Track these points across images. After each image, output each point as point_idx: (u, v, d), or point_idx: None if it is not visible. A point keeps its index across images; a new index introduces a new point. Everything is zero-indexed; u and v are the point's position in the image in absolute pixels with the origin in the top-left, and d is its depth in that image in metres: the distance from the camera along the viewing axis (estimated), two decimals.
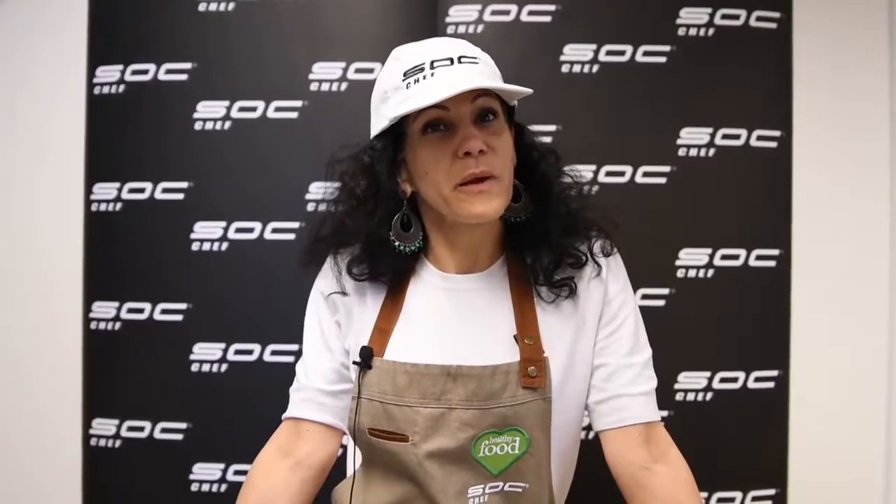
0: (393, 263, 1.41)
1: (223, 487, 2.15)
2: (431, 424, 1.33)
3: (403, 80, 1.31)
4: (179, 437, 2.17)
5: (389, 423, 1.34)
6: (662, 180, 2.18)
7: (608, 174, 2.17)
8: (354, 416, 1.36)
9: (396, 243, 1.40)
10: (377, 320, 1.41)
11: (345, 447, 1.64)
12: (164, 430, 2.18)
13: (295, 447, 1.45)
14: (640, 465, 1.39)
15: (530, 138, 1.45)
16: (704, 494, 2.15)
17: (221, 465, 2.15)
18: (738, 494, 2.15)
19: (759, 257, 2.19)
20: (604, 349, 1.42)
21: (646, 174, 2.18)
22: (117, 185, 2.21)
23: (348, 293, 1.44)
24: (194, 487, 2.17)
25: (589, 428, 1.48)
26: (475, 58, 1.34)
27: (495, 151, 1.32)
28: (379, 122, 1.36)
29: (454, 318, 1.40)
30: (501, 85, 1.31)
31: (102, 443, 2.21)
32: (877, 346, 2.26)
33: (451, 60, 1.31)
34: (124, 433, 2.19)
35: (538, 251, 1.42)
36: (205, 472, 2.17)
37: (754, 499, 2.16)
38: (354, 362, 1.38)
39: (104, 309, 2.21)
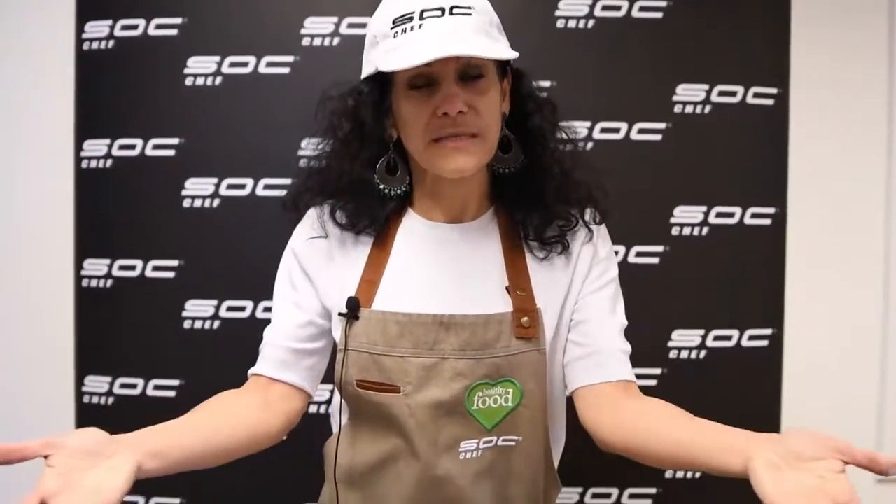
0: (378, 208, 1.40)
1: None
2: (424, 375, 1.32)
3: (392, 29, 1.28)
4: (172, 394, 2.17)
5: (380, 374, 1.33)
6: (658, 137, 2.17)
7: (603, 131, 2.16)
8: (341, 369, 1.35)
9: (381, 186, 1.38)
10: (364, 272, 1.39)
11: (328, 404, 1.64)
12: (156, 388, 2.17)
13: (262, 395, 1.40)
14: (617, 409, 1.35)
15: (528, 87, 1.42)
16: None
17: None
18: None
19: (754, 215, 2.18)
20: (586, 305, 1.41)
21: (641, 131, 2.16)
22: (107, 141, 2.18)
23: (330, 238, 1.42)
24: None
25: None
26: (468, 7, 1.28)
27: (477, 111, 1.29)
28: (367, 66, 1.34)
29: (444, 267, 1.39)
30: (481, 53, 1.24)
31: (95, 400, 2.20)
32: (871, 306, 2.26)
33: (442, 11, 1.26)
34: (117, 390, 2.18)
35: (529, 210, 1.40)
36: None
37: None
38: (340, 314, 1.36)
39: (96, 266, 2.19)
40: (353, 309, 1.35)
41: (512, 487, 1.39)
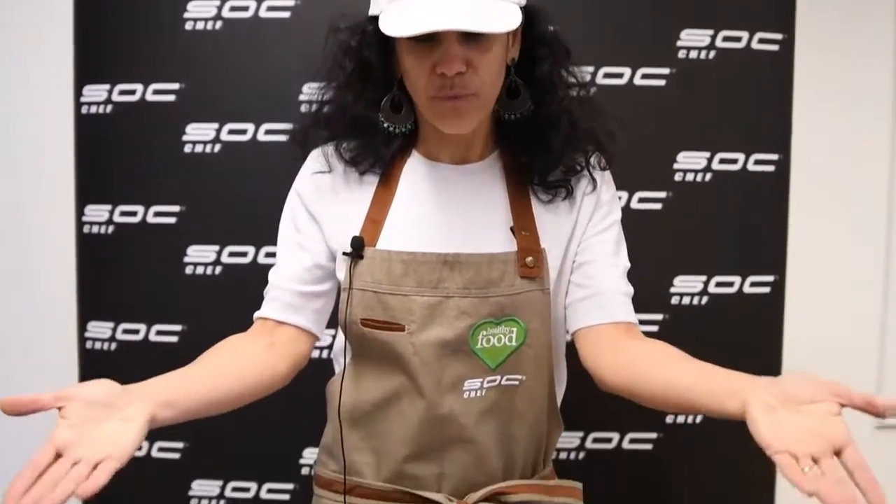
0: (382, 147, 1.39)
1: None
2: (428, 313, 1.32)
3: None
4: (174, 339, 2.17)
5: (385, 312, 1.33)
6: (661, 83, 2.15)
7: (606, 76, 2.14)
8: (346, 308, 1.35)
9: (386, 124, 1.38)
10: (368, 212, 1.39)
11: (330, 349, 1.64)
12: (159, 333, 2.18)
13: (268, 337, 1.41)
14: (619, 350, 1.35)
15: (541, 29, 1.39)
16: None
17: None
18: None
19: (757, 162, 2.17)
20: (589, 247, 1.41)
21: (644, 76, 2.15)
22: (107, 87, 2.17)
23: (335, 175, 1.42)
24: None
25: None
26: None
27: (477, 70, 1.27)
28: (374, 6, 1.33)
29: (449, 207, 1.38)
30: (480, 27, 1.20)
31: (98, 346, 2.20)
32: (874, 254, 2.26)
33: None
34: (119, 336, 2.19)
35: (534, 154, 1.40)
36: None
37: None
38: (345, 253, 1.36)
39: (97, 213, 2.18)
40: (358, 248, 1.35)
41: (515, 427, 1.39)
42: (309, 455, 2.17)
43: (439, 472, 1.38)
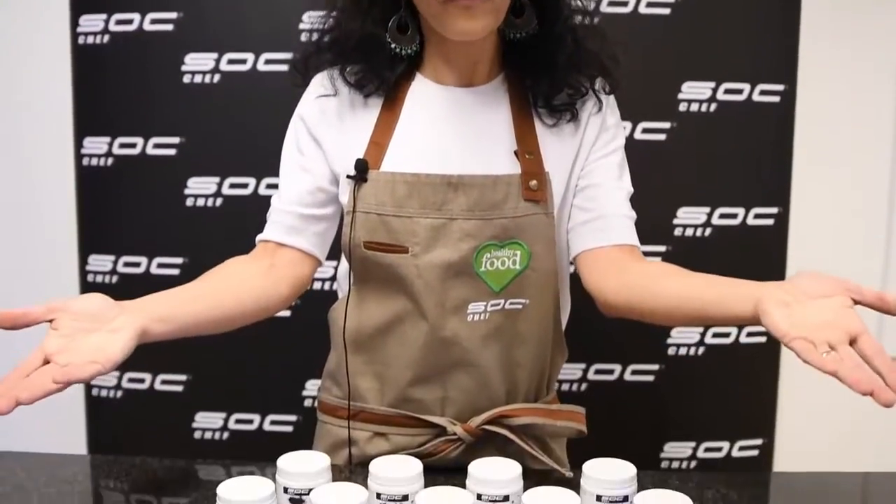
0: (387, 69, 1.37)
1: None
2: (432, 235, 1.32)
3: None
4: (176, 272, 2.17)
5: (388, 234, 1.33)
6: (666, 11, 2.12)
7: (610, 4, 2.11)
8: (349, 231, 1.35)
9: (392, 45, 1.36)
10: (372, 135, 1.37)
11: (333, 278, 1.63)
12: (160, 266, 2.18)
13: (270, 259, 1.41)
14: (622, 270, 1.36)
15: None
16: (699, 329, 2.16)
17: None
18: (732, 330, 2.16)
19: (763, 92, 2.15)
20: (593, 171, 1.41)
21: (649, 4, 2.12)
22: (104, 16, 2.14)
23: (339, 97, 1.40)
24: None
25: None
26: None
27: None
28: None
29: (453, 129, 1.37)
30: None
31: (99, 279, 2.20)
32: (878, 186, 2.24)
33: None
34: (121, 269, 2.19)
35: (539, 76, 1.38)
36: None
37: (749, 334, 2.17)
38: (349, 176, 1.34)
39: (96, 145, 2.17)
40: (362, 171, 1.34)
41: (519, 351, 1.39)
42: (311, 387, 2.18)
43: (443, 396, 1.38)
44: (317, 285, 1.62)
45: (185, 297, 1.27)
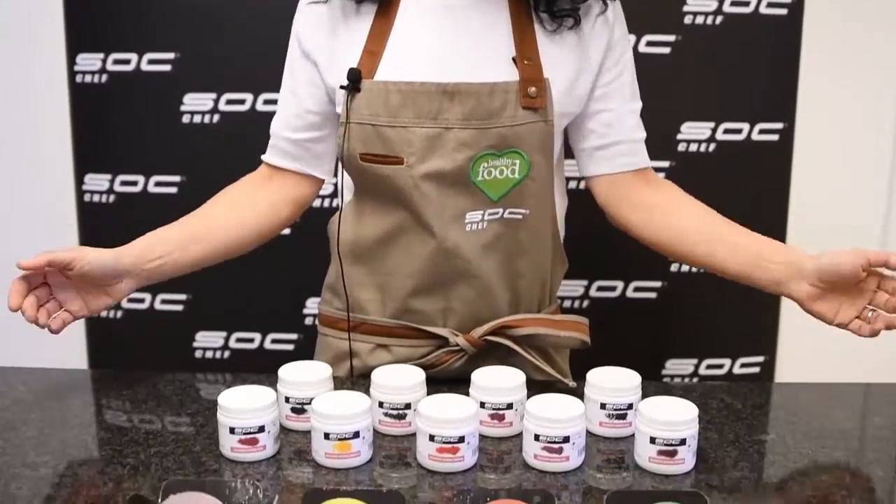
0: None
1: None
2: (428, 145, 1.29)
3: None
4: (173, 190, 2.14)
5: (383, 145, 1.30)
6: None
7: None
8: (343, 143, 1.32)
9: None
10: (366, 44, 1.34)
11: (332, 195, 1.62)
12: (157, 184, 2.15)
13: (273, 180, 1.44)
14: (636, 195, 1.42)
15: None
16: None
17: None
18: None
19: (769, 4, 2.09)
20: (606, 94, 1.39)
21: None
22: None
23: (331, 5, 1.36)
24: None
25: None
26: None
27: None
28: None
29: (449, 35, 1.33)
30: None
31: (96, 198, 2.18)
32: (884, 102, 2.20)
33: None
34: (118, 188, 2.16)
35: None
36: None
37: None
38: (342, 86, 1.32)
39: (89, 61, 2.12)
40: (355, 80, 1.31)
41: (519, 261, 1.38)
42: (312, 305, 2.17)
43: (444, 307, 1.37)
44: (316, 202, 1.59)
45: (186, 238, 1.37)
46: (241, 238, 1.42)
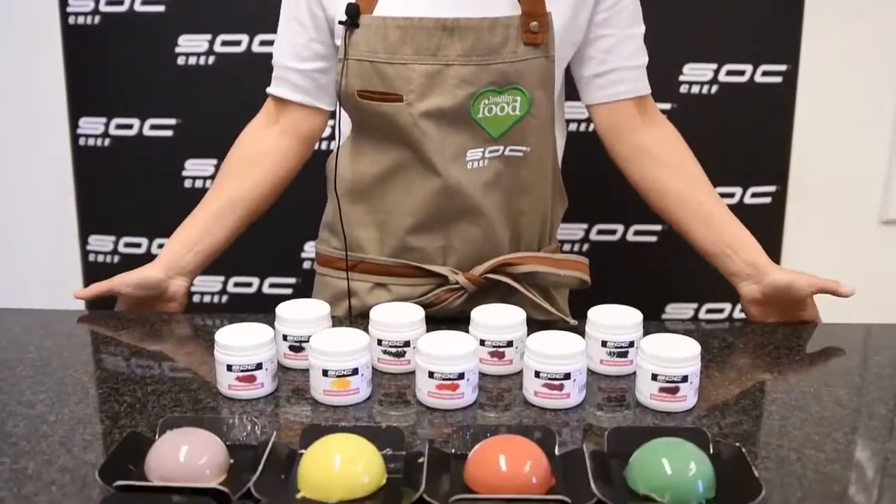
0: None
1: None
2: (427, 82, 1.27)
3: None
4: (169, 133, 2.12)
5: (382, 82, 1.28)
6: None
7: None
8: (341, 79, 1.30)
9: None
10: None
11: (330, 137, 1.60)
12: (153, 127, 2.12)
13: (280, 117, 1.43)
14: (634, 130, 1.41)
15: None
16: None
17: (213, 161, 2.10)
18: (737, 190, 2.13)
19: None
20: (607, 20, 1.37)
21: None
22: None
23: None
24: (187, 184, 2.14)
25: None
26: None
27: None
28: None
29: None
30: None
31: (91, 142, 2.15)
32: (891, 41, 2.17)
33: None
34: (112, 132, 2.13)
35: None
36: (197, 168, 2.13)
37: (754, 195, 2.14)
38: (340, 22, 1.29)
39: (82, 2, 2.09)
40: (353, 16, 1.28)
41: (521, 199, 1.36)
42: (309, 249, 2.15)
43: (444, 245, 1.36)
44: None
45: (209, 222, 1.43)
46: (261, 198, 1.44)
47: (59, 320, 1.43)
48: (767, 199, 2.14)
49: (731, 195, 2.11)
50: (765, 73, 2.09)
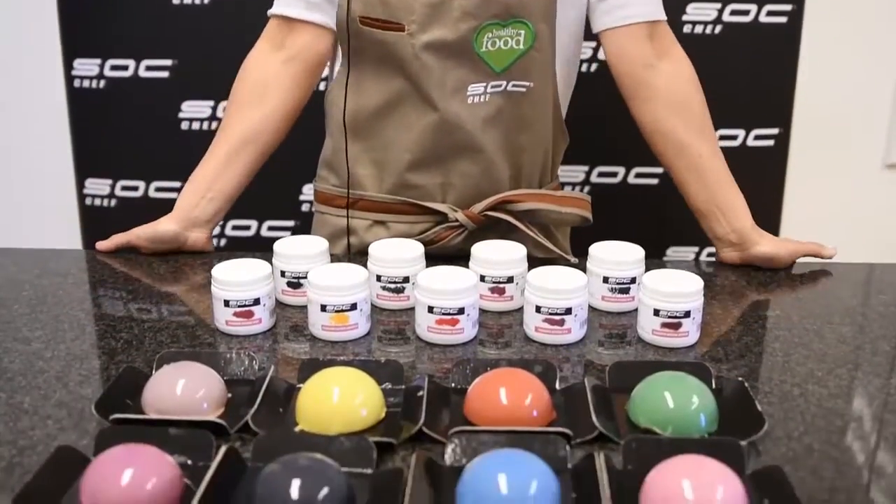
0: None
1: (213, 125, 2.08)
2: (430, 13, 1.24)
3: None
4: (165, 74, 2.09)
5: (384, 9, 1.25)
6: None
7: None
8: (346, 3, 1.27)
9: None
10: None
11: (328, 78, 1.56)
12: (148, 69, 2.09)
13: (286, 41, 1.38)
14: (644, 63, 1.35)
15: None
16: None
17: (210, 103, 2.08)
18: (740, 133, 2.10)
19: None
20: None
21: None
22: None
23: None
24: (184, 126, 2.11)
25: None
26: None
27: None
28: None
29: None
30: None
31: (86, 83, 2.12)
32: None
33: None
34: (108, 73, 2.10)
35: None
36: (194, 110, 2.10)
37: (757, 137, 2.11)
38: None
39: None
40: None
41: (522, 135, 1.34)
42: (308, 191, 2.14)
43: (444, 182, 1.34)
44: None
45: (219, 168, 1.38)
46: (271, 135, 1.39)
47: (55, 259, 1.42)
48: (770, 142, 2.12)
49: (734, 137, 2.09)
50: (769, 14, 2.06)
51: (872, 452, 0.87)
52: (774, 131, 2.12)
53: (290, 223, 2.16)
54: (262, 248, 2.10)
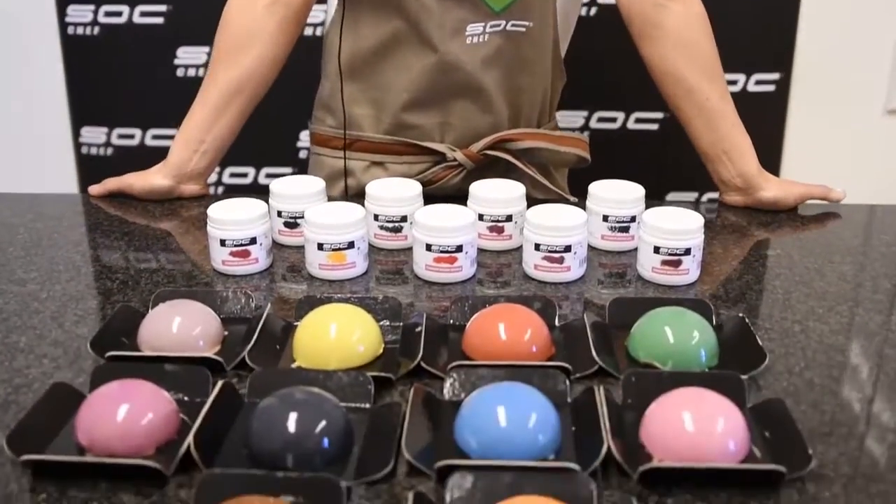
0: None
1: None
2: None
3: None
4: (160, 20, 2.06)
5: None
6: None
7: None
8: None
9: None
10: None
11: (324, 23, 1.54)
12: (143, 14, 2.06)
13: None
14: (654, 2, 1.31)
15: None
16: None
17: (206, 49, 2.05)
18: (741, 77, 2.08)
19: None
20: None
21: None
22: None
23: None
24: (180, 73, 2.09)
25: None
26: None
27: None
28: None
29: None
30: None
31: (80, 30, 2.10)
32: None
33: None
34: (101, 19, 2.08)
35: None
36: (190, 56, 2.08)
37: (757, 82, 2.09)
38: None
39: None
40: None
41: (521, 76, 1.32)
42: (305, 138, 2.12)
43: (442, 122, 1.32)
44: (308, 31, 1.52)
45: (210, 119, 1.34)
46: (258, 82, 1.35)
47: (50, 204, 1.41)
48: (771, 87, 2.10)
49: (734, 82, 2.06)
50: None
51: (873, 386, 0.86)
52: (775, 76, 2.10)
53: (288, 170, 2.14)
54: (259, 195, 2.12)
